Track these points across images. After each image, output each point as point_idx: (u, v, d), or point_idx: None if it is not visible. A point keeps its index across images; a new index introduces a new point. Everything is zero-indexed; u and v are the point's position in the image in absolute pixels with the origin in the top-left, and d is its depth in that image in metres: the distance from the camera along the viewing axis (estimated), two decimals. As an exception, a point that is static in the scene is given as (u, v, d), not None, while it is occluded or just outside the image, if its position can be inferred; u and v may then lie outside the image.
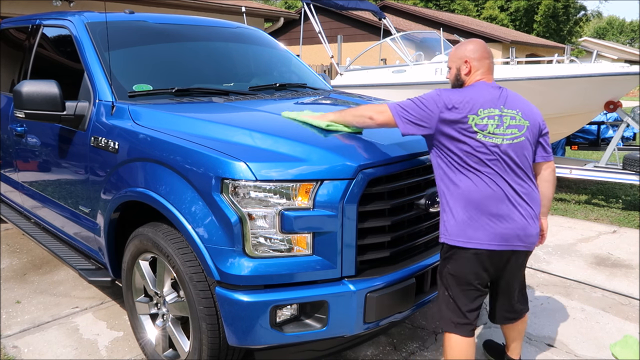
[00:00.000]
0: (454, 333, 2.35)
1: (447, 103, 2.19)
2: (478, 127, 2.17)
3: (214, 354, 2.34)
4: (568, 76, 5.83)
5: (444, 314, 2.38)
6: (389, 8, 23.17)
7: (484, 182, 2.20)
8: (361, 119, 2.41)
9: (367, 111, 2.38)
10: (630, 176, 5.67)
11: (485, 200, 2.19)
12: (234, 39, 4.01)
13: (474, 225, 2.21)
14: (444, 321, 2.40)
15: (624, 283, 3.94)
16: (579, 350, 3.02)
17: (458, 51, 2.37)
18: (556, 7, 30.94)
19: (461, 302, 2.33)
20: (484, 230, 2.20)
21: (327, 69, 14.02)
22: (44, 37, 3.71)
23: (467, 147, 2.19)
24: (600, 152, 7.15)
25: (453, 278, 2.33)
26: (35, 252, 4.48)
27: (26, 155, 3.67)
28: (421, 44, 8.16)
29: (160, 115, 2.71)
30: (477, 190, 2.19)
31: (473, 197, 2.20)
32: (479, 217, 2.20)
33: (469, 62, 2.32)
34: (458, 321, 2.34)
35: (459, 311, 2.34)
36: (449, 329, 2.37)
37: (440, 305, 2.41)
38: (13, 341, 3.08)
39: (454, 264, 2.30)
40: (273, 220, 2.15)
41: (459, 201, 2.23)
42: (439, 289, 2.42)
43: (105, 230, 2.83)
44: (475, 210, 2.20)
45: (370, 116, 2.35)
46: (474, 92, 2.25)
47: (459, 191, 2.23)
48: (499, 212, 2.19)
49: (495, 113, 2.20)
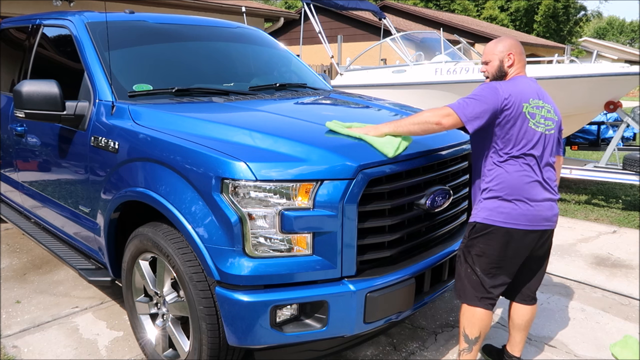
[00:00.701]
0: (477, 307, 2.48)
1: (505, 93, 2.34)
2: (530, 115, 2.37)
3: (214, 353, 2.34)
4: (568, 76, 5.83)
5: (467, 290, 2.50)
6: (389, 8, 23.16)
7: (524, 168, 2.37)
8: (426, 126, 2.38)
9: (432, 117, 2.37)
10: (630, 176, 5.67)
11: (523, 185, 2.36)
12: (234, 39, 4.01)
13: (511, 206, 2.37)
14: (466, 296, 2.51)
15: (623, 283, 3.94)
16: (579, 350, 3.02)
17: (499, 45, 2.51)
18: (556, 7, 30.95)
19: (486, 281, 2.46)
20: (520, 211, 2.36)
21: (327, 69, 14.01)
22: (44, 37, 3.71)
23: (517, 134, 2.34)
24: (600, 152, 7.15)
25: (482, 258, 2.44)
26: (35, 251, 4.48)
27: (26, 155, 3.67)
28: (421, 44, 8.16)
29: (161, 115, 2.71)
30: (518, 175, 2.36)
31: (513, 181, 2.36)
32: (516, 200, 2.37)
33: (513, 55, 2.48)
34: (482, 296, 2.47)
35: (483, 288, 2.47)
36: (472, 302, 2.49)
37: (462, 282, 2.52)
38: (13, 341, 3.09)
39: (486, 244, 2.41)
40: (273, 220, 2.15)
41: (499, 184, 2.39)
42: (460, 266, 2.53)
43: (105, 230, 2.83)
44: (514, 193, 2.37)
45: (437, 122, 2.35)
46: (522, 84, 2.44)
47: (499, 175, 2.39)
48: (534, 196, 2.38)
49: (540, 104, 2.42)
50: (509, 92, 2.34)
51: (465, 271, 2.51)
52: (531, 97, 2.40)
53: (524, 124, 2.35)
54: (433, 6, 32.34)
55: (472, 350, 2.54)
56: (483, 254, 2.43)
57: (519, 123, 2.34)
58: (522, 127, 2.34)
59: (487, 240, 2.41)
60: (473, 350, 2.53)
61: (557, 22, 31.64)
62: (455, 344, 3.06)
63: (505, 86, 2.38)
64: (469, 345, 2.53)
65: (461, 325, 2.55)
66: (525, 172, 2.37)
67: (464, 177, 2.95)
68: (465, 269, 2.51)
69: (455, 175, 2.84)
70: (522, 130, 2.35)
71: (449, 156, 2.74)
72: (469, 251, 2.48)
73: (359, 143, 2.42)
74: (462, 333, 2.55)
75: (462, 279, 2.53)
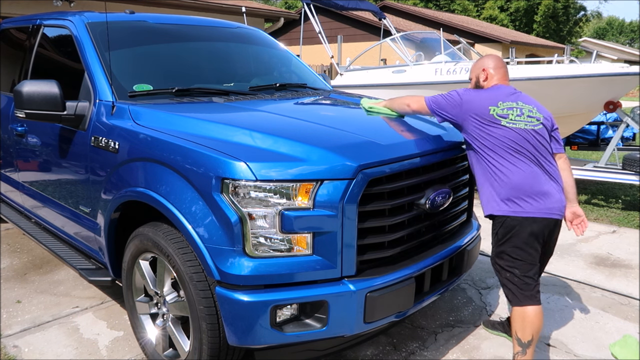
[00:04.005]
0: (528, 305, 2.56)
1: (466, 97, 2.62)
2: (499, 115, 2.54)
3: (214, 353, 2.34)
4: (568, 76, 5.83)
5: (516, 294, 2.59)
6: (389, 8, 23.17)
7: (519, 166, 2.52)
8: (401, 106, 2.90)
9: (407, 99, 2.87)
10: (630, 176, 5.67)
11: (524, 180, 2.51)
12: (234, 39, 4.01)
13: (524, 203, 2.52)
14: (517, 299, 2.59)
15: (623, 283, 3.94)
16: (579, 350, 3.03)
17: (477, 64, 2.82)
18: (556, 7, 30.94)
19: (528, 278, 2.57)
20: (535, 204, 2.52)
21: (327, 69, 14.02)
22: (44, 37, 3.72)
23: (496, 134, 2.53)
24: (600, 152, 7.14)
25: (515, 260, 2.56)
26: (35, 251, 4.48)
27: (27, 155, 3.67)
28: (421, 44, 8.16)
29: (161, 115, 2.71)
30: (520, 173, 2.52)
31: (518, 180, 2.51)
32: (527, 196, 2.52)
33: (486, 71, 2.75)
34: (530, 293, 2.57)
35: (527, 285, 2.56)
36: (524, 302, 2.57)
37: (507, 288, 2.63)
38: (13, 341, 3.09)
39: (514, 244, 2.55)
40: (273, 220, 2.15)
41: (505, 184, 2.54)
42: (500, 275, 2.66)
43: (105, 230, 2.83)
44: (522, 191, 2.52)
45: (408, 103, 2.84)
46: (492, 90, 2.67)
47: (505, 176, 2.54)
48: (542, 189, 2.53)
49: (513, 105, 2.58)
50: (471, 98, 2.61)
51: (505, 277, 2.62)
52: (500, 100, 2.58)
53: (499, 123, 2.53)
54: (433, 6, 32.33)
55: (525, 353, 2.59)
56: (515, 255, 2.56)
57: (491, 124, 2.54)
58: (499, 128, 2.53)
59: (514, 239, 2.54)
60: (527, 353, 2.59)
61: (556, 22, 31.64)
62: (455, 344, 3.07)
63: (471, 93, 2.66)
64: (523, 348, 2.59)
65: (513, 329, 2.62)
66: (525, 168, 2.52)
67: (464, 177, 2.96)
68: (504, 275, 2.63)
69: (455, 175, 2.85)
70: (499, 130, 2.53)
71: (449, 156, 2.75)
72: (502, 258, 2.62)
73: (359, 143, 2.42)
74: (514, 337, 2.61)
75: (505, 285, 2.64)
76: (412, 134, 2.74)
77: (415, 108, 2.82)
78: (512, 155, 2.52)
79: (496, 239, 2.64)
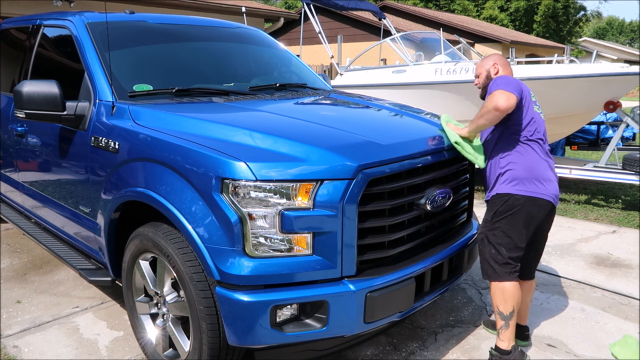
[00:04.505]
0: (507, 281, 2.68)
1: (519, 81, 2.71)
2: (533, 102, 2.74)
3: (214, 353, 2.34)
4: (568, 76, 5.83)
5: (496, 269, 2.70)
6: (389, 8, 23.16)
7: (536, 151, 2.68)
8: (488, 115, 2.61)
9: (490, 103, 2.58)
10: (630, 176, 5.67)
11: (538, 166, 2.66)
12: (234, 39, 4.01)
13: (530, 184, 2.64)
14: (496, 274, 2.70)
15: (623, 283, 3.94)
16: (579, 350, 3.03)
17: (485, 60, 2.93)
18: (556, 7, 30.92)
19: (512, 257, 2.68)
20: (537, 188, 2.65)
21: (327, 69, 14.02)
22: (44, 37, 3.72)
23: (534, 117, 2.68)
24: (600, 152, 7.15)
25: (506, 238, 2.66)
26: (35, 251, 4.48)
27: (26, 155, 3.67)
28: (421, 44, 8.15)
29: (161, 115, 2.71)
30: (533, 157, 2.67)
31: (529, 163, 2.65)
32: (533, 178, 2.65)
33: (497, 65, 2.86)
34: (509, 270, 2.68)
35: (509, 264, 2.67)
36: (503, 278, 2.68)
37: (488, 263, 2.73)
38: (13, 341, 3.09)
39: (510, 223, 2.65)
40: (273, 220, 2.15)
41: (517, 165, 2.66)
42: (484, 249, 2.74)
43: (105, 230, 2.83)
44: (531, 173, 2.65)
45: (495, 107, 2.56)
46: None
47: (517, 158, 2.67)
48: (544, 175, 2.67)
49: (532, 94, 2.77)
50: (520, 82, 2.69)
51: (489, 252, 2.72)
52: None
53: (534, 109, 2.70)
54: (433, 6, 32.32)
55: (509, 326, 2.70)
56: (508, 233, 2.66)
57: (531, 107, 2.69)
58: (535, 112, 2.70)
59: (512, 217, 2.65)
60: (510, 325, 2.70)
61: (556, 22, 31.62)
62: (455, 344, 3.07)
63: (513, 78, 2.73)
64: (505, 321, 2.70)
65: (494, 304, 2.73)
66: (537, 154, 2.68)
67: (464, 177, 2.96)
68: (489, 250, 2.72)
69: (455, 175, 2.85)
70: (535, 115, 2.69)
71: (449, 156, 2.75)
72: (494, 234, 2.70)
73: (359, 143, 2.42)
74: (496, 312, 2.72)
75: (487, 260, 2.73)
76: (412, 134, 2.74)
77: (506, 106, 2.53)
78: (534, 140, 2.68)
79: (493, 215, 2.72)
